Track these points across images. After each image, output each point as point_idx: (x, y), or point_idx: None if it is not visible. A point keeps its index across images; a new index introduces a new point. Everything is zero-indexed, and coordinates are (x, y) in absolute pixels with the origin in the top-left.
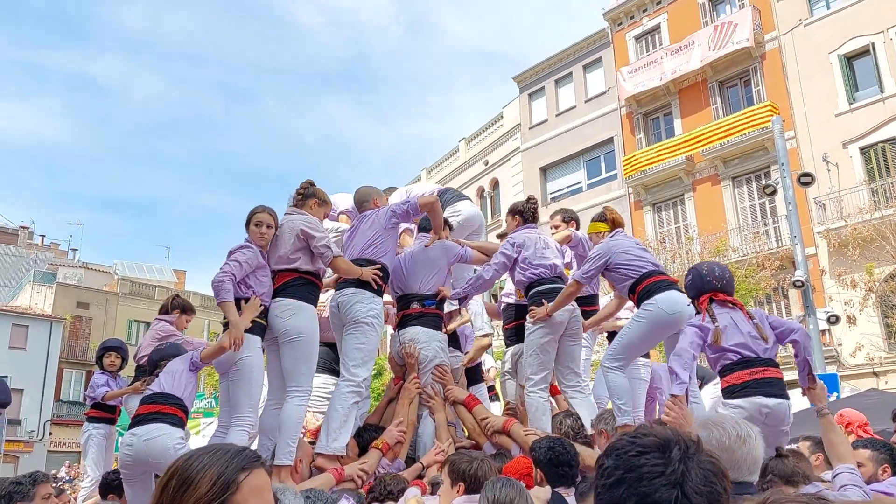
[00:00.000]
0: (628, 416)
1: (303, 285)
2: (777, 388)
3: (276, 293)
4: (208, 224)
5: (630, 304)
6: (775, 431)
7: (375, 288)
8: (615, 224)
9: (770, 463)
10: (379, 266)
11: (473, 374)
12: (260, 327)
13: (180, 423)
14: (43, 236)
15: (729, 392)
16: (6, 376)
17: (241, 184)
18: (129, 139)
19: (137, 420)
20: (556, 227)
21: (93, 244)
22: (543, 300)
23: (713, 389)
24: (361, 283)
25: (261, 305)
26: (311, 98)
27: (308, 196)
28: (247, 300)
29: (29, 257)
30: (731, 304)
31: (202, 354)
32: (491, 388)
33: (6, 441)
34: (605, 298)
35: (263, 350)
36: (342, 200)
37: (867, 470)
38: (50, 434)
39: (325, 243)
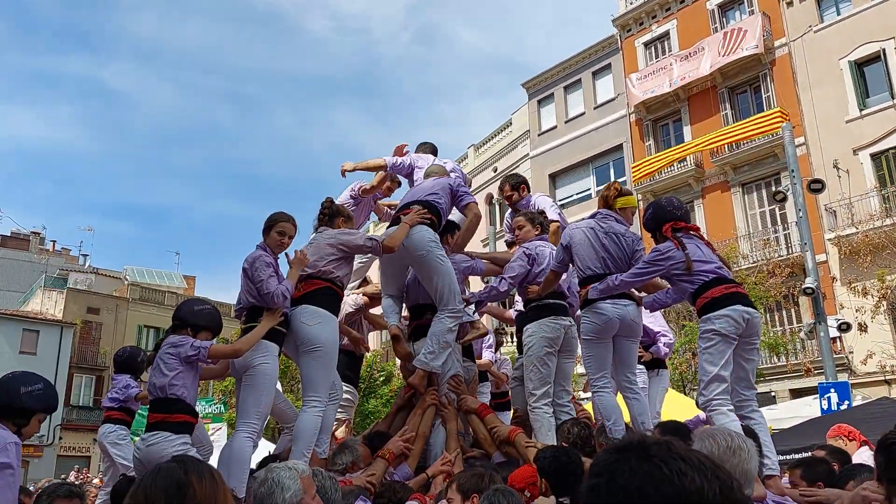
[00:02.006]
0: (620, 435)
1: (331, 296)
2: (750, 301)
3: (302, 300)
4: (218, 231)
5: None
6: (749, 344)
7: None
8: (604, 203)
9: None
10: (426, 210)
11: (502, 402)
12: (279, 335)
13: (187, 427)
14: (54, 242)
15: (711, 306)
16: None
17: (251, 191)
18: (140, 146)
19: (148, 426)
20: (510, 198)
21: (103, 250)
22: (543, 315)
23: None
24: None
25: (281, 315)
26: (320, 106)
27: (334, 215)
28: (264, 308)
29: (40, 263)
30: (691, 232)
31: (212, 350)
32: (504, 395)
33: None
34: None
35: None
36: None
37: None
38: (60, 439)
39: (367, 237)
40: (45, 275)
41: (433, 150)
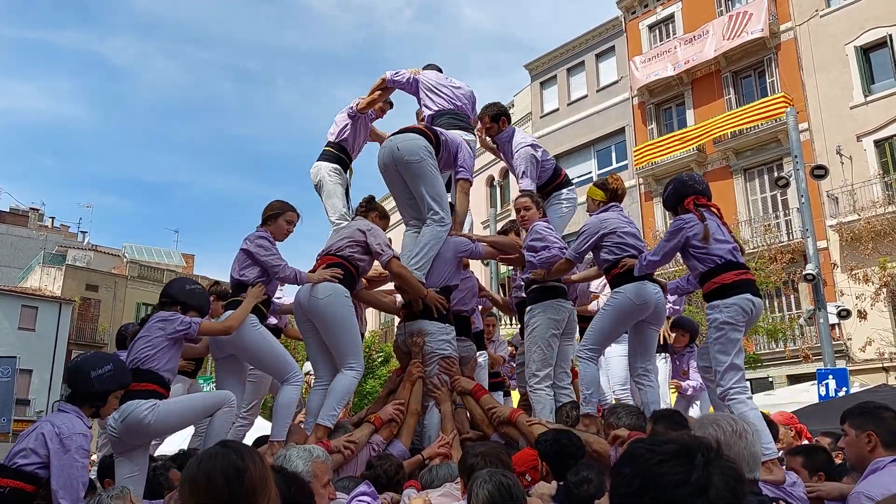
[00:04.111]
0: (592, 407)
1: (344, 271)
2: (757, 289)
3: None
4: (217, 208)
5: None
6: (748, 327)
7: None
8: (614, 196)
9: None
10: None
11: (495, 382)
12: (259, 312)
13: (156, 395)
14: (53, 218)
15: (719, 292)
16: (15, 357)
17: (251, 168)
18: (140, 121)
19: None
20: (489, 129)
21: (102, 227)
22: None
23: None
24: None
25: (264, 294)
26: (322, 82)
27: (370, 209)
28: (250, 285)
29: (39, 239)
30: (711, 210)
31: (203, 327)
32: (497, 375)
33: (14, 420)
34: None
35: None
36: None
37: (803, 476)
38: None
39: (385, 244)
40: (43, 251)
41: (438, 69)
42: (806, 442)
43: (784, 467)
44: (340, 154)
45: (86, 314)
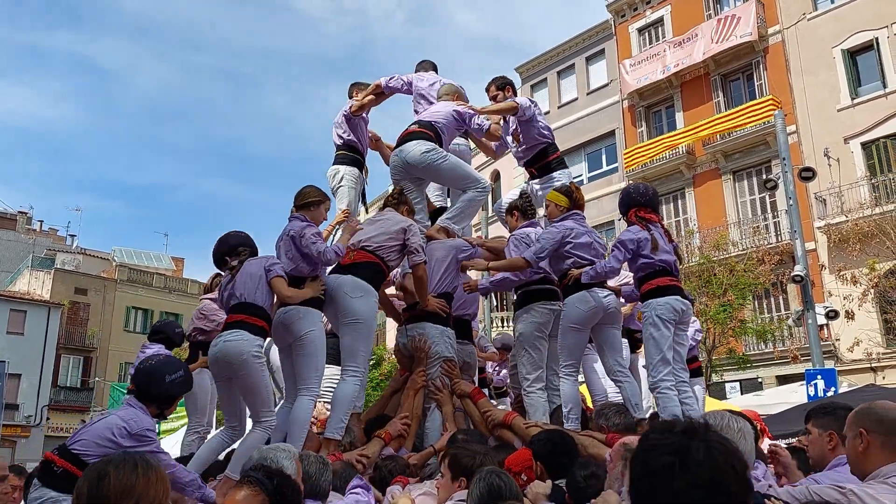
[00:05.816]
0: (574, 424)
1: (376, 271)
2: (685, 294)
3: (348, 269)
4: (208, 212)
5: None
6: (681, 330)
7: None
8: (576, 205)
9: None
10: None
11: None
12: (320, 302)
13: (262, 332)
14: (41, 221)
15: (654, 292)
16: (4, 361)
17: (242, 171)
18: (130, 124)
19: (227, 325)
20: (495, 98)
21: (91, 230)
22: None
23: None
24: None
25: (322, 286)
26: (313, 85)
27: (401, 202)
28: (305, 279)
29: (27, 243)
30: (655, 221)
31: (277, 282)
32: (482, 372)
33: (3, 426)
34: None
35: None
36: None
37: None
38: (48, 419)
39: (420, 246)
40: (32, 255)
41: (433, 67)
42: (768, 441)
43: (770, 467)
44: (354, 154)
45: (75, 318)
